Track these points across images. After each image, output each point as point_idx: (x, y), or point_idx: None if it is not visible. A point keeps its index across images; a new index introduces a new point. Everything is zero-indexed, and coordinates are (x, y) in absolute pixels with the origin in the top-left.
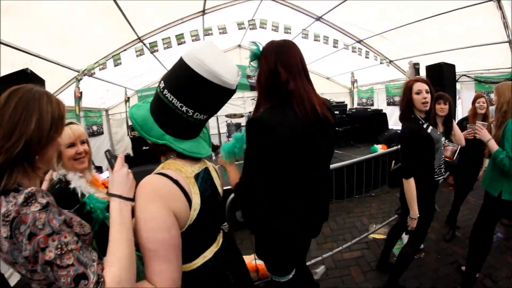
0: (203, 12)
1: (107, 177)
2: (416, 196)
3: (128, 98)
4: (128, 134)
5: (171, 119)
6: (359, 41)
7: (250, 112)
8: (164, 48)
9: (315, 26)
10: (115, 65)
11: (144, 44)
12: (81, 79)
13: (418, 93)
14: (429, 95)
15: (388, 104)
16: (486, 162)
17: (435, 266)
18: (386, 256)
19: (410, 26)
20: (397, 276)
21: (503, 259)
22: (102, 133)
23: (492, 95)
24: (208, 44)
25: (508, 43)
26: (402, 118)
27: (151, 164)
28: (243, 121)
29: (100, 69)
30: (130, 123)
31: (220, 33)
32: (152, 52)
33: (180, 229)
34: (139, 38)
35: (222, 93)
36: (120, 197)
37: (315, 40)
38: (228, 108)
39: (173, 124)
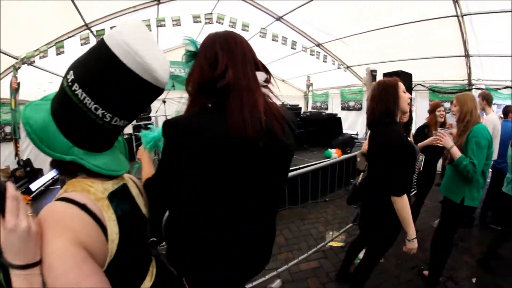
0: (159, 1)
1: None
2: (390, 215)
3: None
4: None
5: (80, 126)
6: (318, 45)
7: None
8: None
9: (275, 26)
10: (58, 54)
11: (92, 32)
12: (19, 67)
13: (404, 92)
14: None
15: (343, 108)
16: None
17: (396, 272)
18: (346, 267)
19: (371, 33)
20: (358, 286)
21: (462, 260)
22: None
23: (446, 104)
24: (139, 26)
25: (464, 57)
26: (382, 122)
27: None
28: None
29: (40, 58)
30: None
31: (173, 25)
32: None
33: None
34: (86, 25)
35: (151, 93)
36: (21, 267)
37: (273, 40)
38: (178, 106)
39: (83, 133)
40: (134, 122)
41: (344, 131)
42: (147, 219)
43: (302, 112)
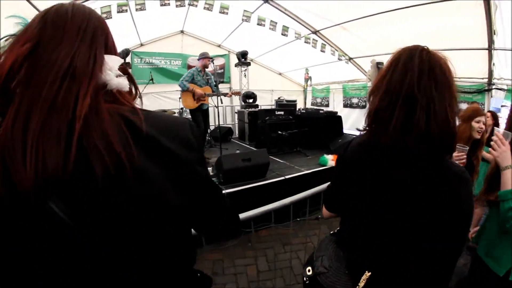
0: None
1: None
2: None
3: None
4: None
5: None
6: (315, 32)
7: (182, 109)
8: None
9: (263, 9)
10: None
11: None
12: None
13: None
14: None
15: (345, 105)
16: None
17: None
18: None
19: (376, 18)
20: None
21: None
22: None
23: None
24: None
25: (487, 51)
26: None
27: None
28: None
29: None
30: None
31: (137, 9)
32: None
33: None
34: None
35: None
36: None
37: (258, 24)
38: (162, 101)
39: None
40: None
41: (346, 131)
42: None
43: (297, 109)
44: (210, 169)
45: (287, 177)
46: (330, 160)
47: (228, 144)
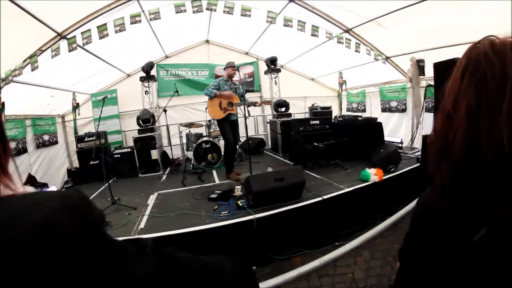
0: None
1: None
2: None
3: (77, 104)
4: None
5: None
6: (347, 30)
7: (210, 120)
8: (84, 44)
9: (289, 10)
10: (32, 69)
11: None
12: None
13: None
14: None
15: (383, 110)
16: None
17: None
18: None
19: (414, 9)
20: None
21: None
22: (55, 142)
23: None
24: None
25: None
26: None
27: (98, 181)
28: (204, 131)
29: (16, 76)
30: (79, 133)
31: (151, 19)
32: (70, 51)
33: None
34: (59, 34)
35: None
36: None
37: (285, 25)
38: (190, 113)
39: None
40: (136, 134)
41: (386, 138)
42: None
43: (333, 117)
44: (239, 188)
45: (325, 197)
46: (373, 175)
47: (260, 157)
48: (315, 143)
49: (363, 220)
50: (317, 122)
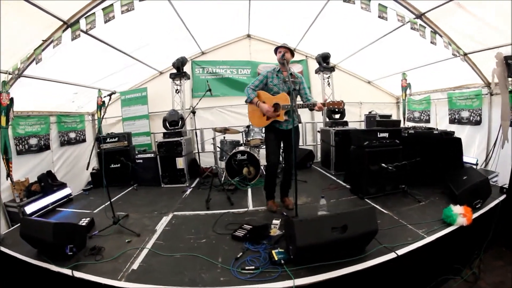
0: None
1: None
2: None
3: (103, 102)
4: (95, 148)
5: None
6: (420, 15)
7: (248, 127)
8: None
9: None
10: (37, 62)
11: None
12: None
13: None
14: None
15: (452, 121)
16: None
17: None
18: None
19: None
20: None
21: None
22: (83, 140)
23: None
24: None
25: None
26: None
27: (118, 185)
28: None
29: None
30: (104, 133)
31: None
32: (74, 39)
33: None
34: (65, 22)
35: None
36: None
37: (344, 1)
38: (229, 117)
39: None
40: (161, 139)
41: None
42: None
43: (402, 129)
44: (277, 223)
45: (400, 253)
46: (460, 217)
47: (307, 173)
48: (382, 164)
49: (436, 274)
50: (386, 135)
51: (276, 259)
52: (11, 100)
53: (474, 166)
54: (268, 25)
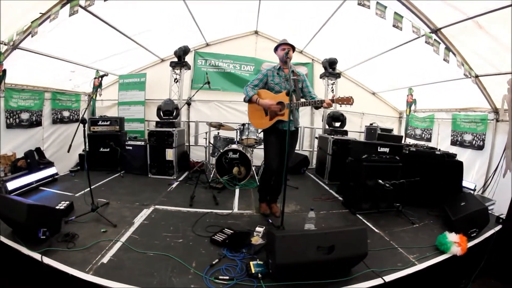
0: None
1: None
2: None
3: (100, 83)
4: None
5: None
6: (435, 30)
7: (244, 125)
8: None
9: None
10: (33, 35)
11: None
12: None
13: None
14: None
15: (453, 143)
16: None
17: None
18: None
19: None
20: None
21: None
22: (77, 120)
23: None
24: None
25: None
26: None
27: (105, 170)
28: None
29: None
30: (97, 115)
31: None
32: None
33: None
34: None
35: None
36: None
37: (359, 4)
38: (226, 112)
39: None
40: (152, 126)
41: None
42: None
43: (403, 145)
44: (260, 230)
45: (387, 279)
46: (455, 246)
47: (300, 179)
48: (379, 180)
49: None
50: (387, 150)
51: (254, 271)
52: (4, 71)
53: (472, 192)
54: (276, 23)
